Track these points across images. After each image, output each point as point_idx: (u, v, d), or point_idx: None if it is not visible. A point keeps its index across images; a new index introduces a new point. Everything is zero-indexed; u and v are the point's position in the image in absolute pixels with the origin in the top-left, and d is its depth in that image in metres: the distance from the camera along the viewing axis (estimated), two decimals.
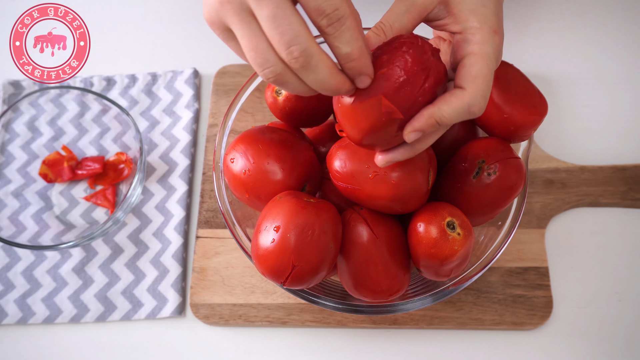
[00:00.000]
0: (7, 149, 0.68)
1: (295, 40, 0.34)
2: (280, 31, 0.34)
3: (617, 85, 0.71)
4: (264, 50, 0.35)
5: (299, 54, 0.35)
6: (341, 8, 0.34)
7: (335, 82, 0.37)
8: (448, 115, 0.38)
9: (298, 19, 0.34)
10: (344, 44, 0.35)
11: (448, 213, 0.45)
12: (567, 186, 0.64)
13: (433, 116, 0.38)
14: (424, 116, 0.38)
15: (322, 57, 0.35)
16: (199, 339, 0.60)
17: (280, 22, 0.34)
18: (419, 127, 0.38)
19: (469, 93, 0.38)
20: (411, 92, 0.38)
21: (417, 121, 0.38)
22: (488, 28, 0.39)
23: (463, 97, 0.38)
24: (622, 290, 0.60)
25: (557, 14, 0.76)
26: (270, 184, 0.49)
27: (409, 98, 0.38)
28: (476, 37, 0.39)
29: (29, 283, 0.62)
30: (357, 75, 0.37)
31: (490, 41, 0.39)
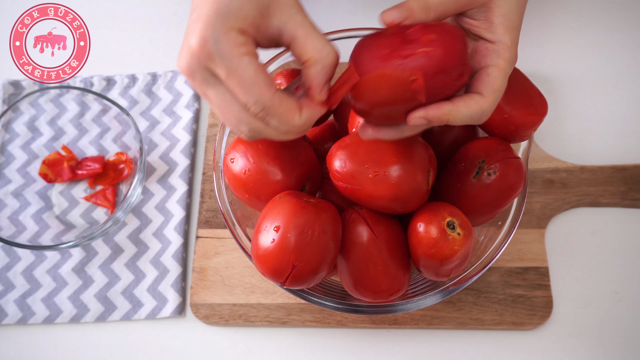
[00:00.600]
0: (7, 149, 0.68)
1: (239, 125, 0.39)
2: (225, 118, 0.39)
3: (617, 85, 0.71)
4: (237, 111, 0.39)
5: (248, 134, 0.39)
6: (260, 100, 0.37)
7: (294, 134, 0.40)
8: (462, 117, 0.40)
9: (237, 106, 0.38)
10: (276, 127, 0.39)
11: (448, 213, 0.45)
12: (567, 186, 0.64)
13: (450, 114, 0.39)
14: (441, 110, 0.39)
15: (268, 130, 0.39)
16: (199, 339, 0.60)
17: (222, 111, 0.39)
18: (431, 117, 0.39)
19: (487, 102, 0.40)
20: (444, 81, 0.38)
21: (432, 111, 0.39)
22: (514, 51, 0.41)
23: (482, 104, 0.40)
24: (622, 290, 0.60)
25: (557, 14, 0.76)
26: (270, 184, 0.49)
27: (439, 86, 0.38)
28: (506, 54, 0.41)
29: (28, 283, 0.62)
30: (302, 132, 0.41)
31: (512, 59, 0.41)
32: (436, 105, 0.39)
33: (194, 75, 0.38)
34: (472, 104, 0.40)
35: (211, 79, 0.38)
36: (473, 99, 0.40)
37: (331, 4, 0.78)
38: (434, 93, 0.38)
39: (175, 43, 0.76)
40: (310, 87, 0.40)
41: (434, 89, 0.38)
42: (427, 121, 0.39)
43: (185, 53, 0.38)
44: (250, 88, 0.37)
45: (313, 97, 0.40)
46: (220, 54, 0.36)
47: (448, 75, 0.38)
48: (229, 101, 0.38)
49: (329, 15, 0.77)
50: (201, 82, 0.38)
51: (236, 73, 0.37)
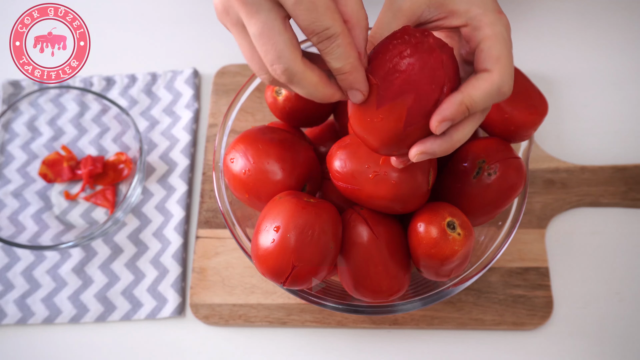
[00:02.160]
0: (7, 149, 0.68)
1: (277, 60, 0.36)
2: (264, 50, 0.36)
3: (617, 85, 0.71)
4: (257, 60, 0.37)
5: (281, 72, 0.36)
6: (331, 27, 0.35)
7: (321, 95, 0.38)
8: (479, 100, 0.37)
9: (283, 38, 0.35)
10: (334, 60, 0.36)
11: (448, 213, 0.45)
12: (568, 186, 0.64)
13: (463, 102, 0.37)
14: (453, 103, 0.37)
15: (305, 74, 0.36)
16: (199, 339, 0.60)
17: (264, 41, 0.35)
18: (449, 115, 0.37)
19: (496, 73, 0.38)
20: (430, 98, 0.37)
21: (446, 109, 0.37)
22: (492, 11, 0.39)
23: (492, 78, 0.38)
24: (622, 290, 0.60)
25: (557, 14, 0.76)
26: (270, 184, 0.49)
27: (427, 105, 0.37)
28: (484, 21, 0.38)
29: (28, 283, 0.62)
30: (349, 89, 0.38)
31: (499, 21, 0.39)
32: (447, 101, 0.37)
33: (228, 13, 0.36)
34: (481, 84, 0.37)
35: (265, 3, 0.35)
36: (480, 78, 0.38)
37: None
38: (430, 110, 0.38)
39: (175, 43, 0.76)
40: None
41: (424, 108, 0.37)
42: (450, 121, 0.37)
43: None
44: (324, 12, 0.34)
45: None
46: None
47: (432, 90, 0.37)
48: (279, 31, 0.35)
49: None
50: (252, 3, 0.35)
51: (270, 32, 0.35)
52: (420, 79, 0.37)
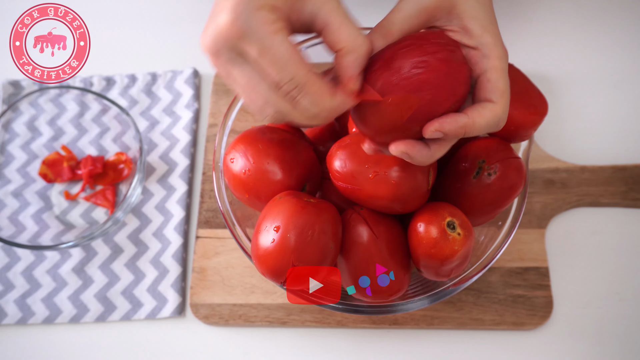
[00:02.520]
0: (7, 149, 0.68)
1: (265, 108, 0.38)
2: (250, 100, 0.38)
3: (617, 85, 0.71)
4: (264, 91, 0.37)
5: (272, 118, 0.38)
6: (295, 77, 0.36)
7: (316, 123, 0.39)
8: (479, 128, 0.39)
9: (264, 86, 0.36)
10: (308, 107, 0.37)
11: (448, 213, 0.45)
12: (568, 186, 0.64)
13: (465, 125, 0.38)
14: (456, 122, 0.38)
15: (294, 113, 0.37)
16: (199, 339, 0.60)
17: (248, 92, 0.37)
18: (447, 130, 0.38)
19: (500, 107, 0.39)
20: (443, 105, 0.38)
21: (448, 124, 0.38)
22: (501, 45, 0.40)
23: (496, 111, 0.39)
24: (622, 290, 0.60)
25: (557, 14, 0.76)
26: (270, 184, 0.49)
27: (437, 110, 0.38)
28: (494, 52, 0.40)
29: (28, 283, 0.62)
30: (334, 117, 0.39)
31: (504, 57, 0.40)
32: (452, 118, 0.38)
33: (220, 53, 0.37)
34: (487, 113, 0.39)
35: (238, 58, 0.36)
36: (486, 107, 0.39)
37: None
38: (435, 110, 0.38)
39: (175, 43, 0.76)
40: (343, 76, 0.38)
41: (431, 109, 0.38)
42: (445, 134, 0.38)
43: (211, 30, 0.36)
44: (285, 65, 0.35)
45: (346, 86, 0.38)
46: (252, 31, 0.35)
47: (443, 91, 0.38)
48: (257, 81, 0.37)
49: None
50: (227, 61, 0.37)
51: (270, 50, 0.35)
52: (444, 84, 0.38)
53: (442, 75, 0.38)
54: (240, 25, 0.35)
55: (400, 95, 0.38)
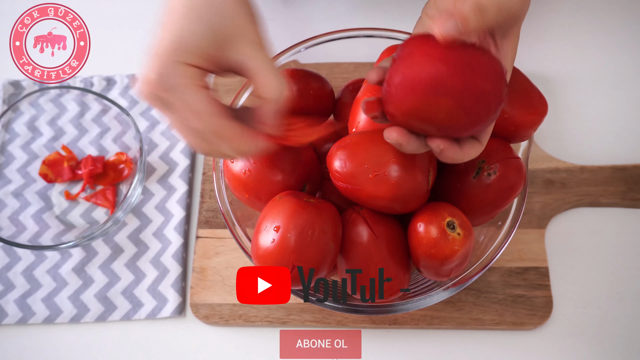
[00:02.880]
0: (7, 149, 0.68)
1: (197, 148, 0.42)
2: (183, 138, 0.42)
3: (617, 85, 0.71)
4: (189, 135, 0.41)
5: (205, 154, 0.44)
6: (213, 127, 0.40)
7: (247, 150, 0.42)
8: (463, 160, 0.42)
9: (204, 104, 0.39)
10: (226, 152, 0.42)
11: (448, 213, 0.45)
12: (567, 186, 0.64)
13: (457, 159, 0.41)
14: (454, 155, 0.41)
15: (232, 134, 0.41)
16: (199, 339, 0.60)
17: (179, 134, 0.41)
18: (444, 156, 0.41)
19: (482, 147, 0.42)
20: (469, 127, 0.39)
21: (448, 155, 0.41)
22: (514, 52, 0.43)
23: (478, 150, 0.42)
24: (622, 290, 0.60)
25: (557, 14, 0.76)
26: (270, 184, 0.49)
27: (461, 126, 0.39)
28: (508, 62, 0.42)
29: (29, 283, 0.62)
30: None
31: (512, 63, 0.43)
32: (452, 148, 0.40)
33: (150, 101, 0.41)
34: (473, 152, 0.41)
35: (166, 105, 0.40)
36: (475, 147, 0.41)
37: (330, 4, 0.78)
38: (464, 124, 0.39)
39: None
40: (261, 122, 0.42)
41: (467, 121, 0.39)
42: (439, 152, 0.41)
43: (140, 82, 0.41)
44: (202, 117, 0.39)
45: (263, 130, 0.42)
46: (171, 85, 0.39)
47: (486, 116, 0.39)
48: (182, 126, 0.41)
49: (328, 15, 0.77)
50: (158, 107, 0.41)
51: (185, 103, 0.39)
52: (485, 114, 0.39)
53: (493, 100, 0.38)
54: (160, 78, 0.39)
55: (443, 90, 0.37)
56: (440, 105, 0.37)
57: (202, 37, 0.39)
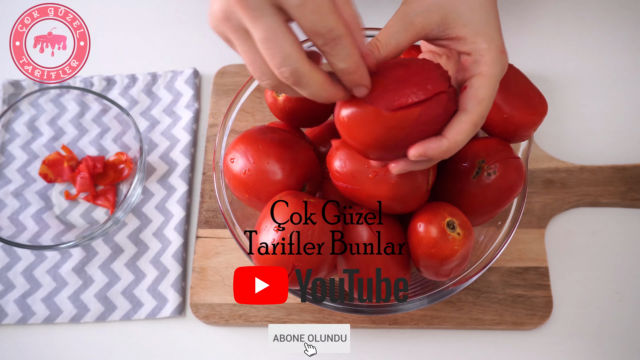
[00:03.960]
0: (7, 149, 0.68)
1: (284, 62, 0.36)
2: (271, 53, 0.36)
3: (617, 85, 0.71)
4: (260, 65, 0.38)
5: (289, 74, 0.37)
6: (335, 29, 0.35)
7: (327, 94, 0.38)
8: (461, 143, 0.40)
9: (289, 40, 0.36)
10: (340, 60, 0.37)
11: (448, 213, 0.45)
12: (567, 186, 0.64)
13: (449, 149, 0.39)
14: (439, 148, 0.39)
15: (312, 74, 0.37)
16: (199, 339, 0.60)
17: (271, 45, 0.36)
18: (431, 156, 0.39)
19: (475, 115, 0.40)
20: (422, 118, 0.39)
21: (431, 150, 0.39)
22: (496, 48, 0.40)
23: (471, 119, 0.40)
24: (622, 290, 0.60)
25: (557, 14, 0.76)
26: (270, 184, 0.49)
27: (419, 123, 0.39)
28: (485, 58, 0.40)
29: (29, 283, 0.62)
30: (354, 86, 0.39)
31: (499, 61, 0.40)
32: (435, 144, 0.39)
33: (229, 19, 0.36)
34: (463, 127, 0.39)
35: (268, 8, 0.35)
36: (462, 121, 0.40)
37: None
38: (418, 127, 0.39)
39: (175, 43, 0.76)
40: None
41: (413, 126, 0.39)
42: (429, 159, 0.40)
43: None
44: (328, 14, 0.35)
45: None
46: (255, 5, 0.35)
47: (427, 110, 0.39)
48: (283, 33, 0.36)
49: None
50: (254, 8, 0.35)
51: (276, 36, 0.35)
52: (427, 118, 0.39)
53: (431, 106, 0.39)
54: None
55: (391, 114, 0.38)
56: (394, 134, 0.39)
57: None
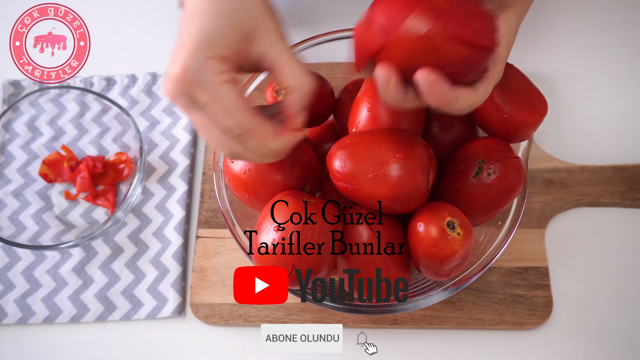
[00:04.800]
0: (7, 149, 0.68)
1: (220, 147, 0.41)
2: (207, 139, 0.41)
3: (617, 85, 0.71)
4: (217, 134, 0.40)
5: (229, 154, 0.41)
6: (240, 125, 0.39)
7: (272, 154, 0.42)
8: (456, 110, 0.40)
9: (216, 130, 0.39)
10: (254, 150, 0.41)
11: (448, 213, 0.45)
12: (567, 186, 0.64)
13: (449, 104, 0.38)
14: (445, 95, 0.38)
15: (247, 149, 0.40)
16: (199, 339, 0.60)
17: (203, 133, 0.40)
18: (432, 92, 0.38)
19: (479, 94, 0.40)
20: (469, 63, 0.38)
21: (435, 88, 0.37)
22: (504, 63, 0.42)
23: (475, 99, 0.40)
24: (622, 290, 0.60)
25: (557, 14, 0.76)
26: (270, 184, 0.49)
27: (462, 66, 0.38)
28: (498, 66, 0.41)
29: (29, 283, 0.62)
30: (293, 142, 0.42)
31: (501, 74, 0.42)
32: (442, 83, 0.37)
33: (178, 100, 0.39)
34: (469, 100, 0.39)
35: (193, 104, 0.39)
36: (470, 96, 0.39)
37: (331, 4, 0.78)
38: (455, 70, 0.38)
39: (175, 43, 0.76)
40: (287, 113, 0.42)
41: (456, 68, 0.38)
42: (428, 88, 0.37)
43: (168, 79, 0.39)
44: (232, 113, 0.39)
45: (289, 123, 0.42)
46: (202, 81, 0.38)
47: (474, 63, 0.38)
48: (210, 125, 0.40)
49: (328, 15, 0.77)
50: (184, 106, 0.40)
51: (218, 99, 0.38)
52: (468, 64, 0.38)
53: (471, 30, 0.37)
54: (190, 75, 0.38)
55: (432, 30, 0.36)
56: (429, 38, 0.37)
57: (226, 31, 0.39)
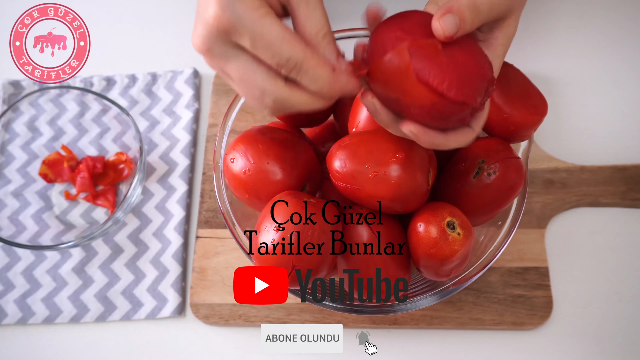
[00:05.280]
0: (7, 149, 0.68)
1: (263, 96, 0.37)
2: (247, 92, 0.37)
3: (617, 85, 0.71)
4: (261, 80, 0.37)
5: (272, 103, 0.37)
6: (293, 57, 0.35)
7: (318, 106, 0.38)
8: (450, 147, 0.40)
9: (261, 76, 0.36)
10: (310, 84, 0.37)
11: (448, 213, 0.45)
12: (567, 186, 0.64)
13: (439, 145, 0.39)
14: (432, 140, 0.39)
15: (293, 97, 0.37)
16: (199, 339, 0.60)
17: (244, 84, 0.37)
18: (421, 140, 0.39)
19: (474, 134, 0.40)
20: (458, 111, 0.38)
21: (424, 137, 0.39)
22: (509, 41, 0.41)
23: (470, 136, 0.40)
24: (622, 290, 0.60)
25: (557, 14, 0.76)
26: (270, 184, 0.49)
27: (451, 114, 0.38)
28: (498, 51, 0.40)
29: (28, 283, 0.62)
30: (339, 96, 0.38)
31: (504, 54, 0.41)
32: (430, 133, 0.38)
33: (212, 50, 0.36)
34: (462, 139, 0.39)
35: (231, 51, 0.36)
36: (465, 134, 0.39)
37: (330, 4, 0.78)
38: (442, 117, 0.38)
39: (175, 43, 0.76)
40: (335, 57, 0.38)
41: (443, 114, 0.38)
42: (415, 138, 0.39)
43: (201, 28, 0.36)
44: (280, 46, 0.35)
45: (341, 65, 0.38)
46: (241, 19, 0.34)
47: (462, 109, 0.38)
48: (253, 71, 0.36)
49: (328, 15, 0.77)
50: (220, 56, 0.36)
51: (262, 35, 0.35)
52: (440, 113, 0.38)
53: None
54: (228, 16, 0.34)
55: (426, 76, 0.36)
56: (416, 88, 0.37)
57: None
